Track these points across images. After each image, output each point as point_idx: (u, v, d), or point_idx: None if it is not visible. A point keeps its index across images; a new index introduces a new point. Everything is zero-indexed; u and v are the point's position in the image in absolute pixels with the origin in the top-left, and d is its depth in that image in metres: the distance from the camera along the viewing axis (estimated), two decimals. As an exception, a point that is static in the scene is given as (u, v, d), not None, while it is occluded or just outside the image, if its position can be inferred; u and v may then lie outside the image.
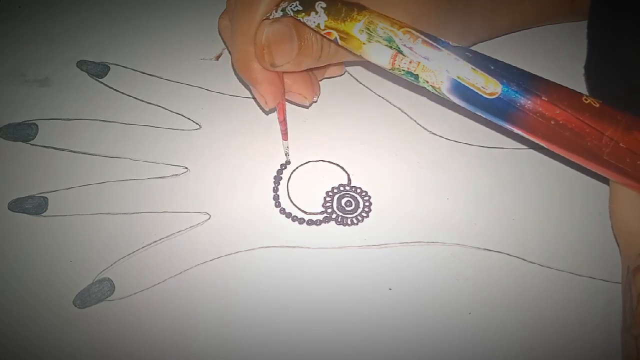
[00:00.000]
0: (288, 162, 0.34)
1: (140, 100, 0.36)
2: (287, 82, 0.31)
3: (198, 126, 0.35)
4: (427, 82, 0.26)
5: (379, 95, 0.36)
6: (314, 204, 0.32)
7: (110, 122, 0.35)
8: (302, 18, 0.27)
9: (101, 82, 0.37)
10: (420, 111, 0.36)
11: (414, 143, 0.35)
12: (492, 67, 0.25)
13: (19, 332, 0.28)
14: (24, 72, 0.37)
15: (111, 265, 0.30)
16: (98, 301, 0.29)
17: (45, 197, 0.32)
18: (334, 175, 0.33)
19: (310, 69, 0.32)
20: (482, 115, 0.26)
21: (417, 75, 0.26)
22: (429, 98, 0.36)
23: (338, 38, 0.27)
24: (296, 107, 0.35)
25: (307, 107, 0.35)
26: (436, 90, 0.26)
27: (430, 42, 0.25)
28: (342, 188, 0.33)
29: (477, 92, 0.25)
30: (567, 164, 0.33)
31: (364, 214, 0.32)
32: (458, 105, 0.26)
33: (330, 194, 0.33)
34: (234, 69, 0.31)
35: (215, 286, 0.29)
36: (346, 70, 0.37)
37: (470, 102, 0.26)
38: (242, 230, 0.31)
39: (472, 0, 0.32)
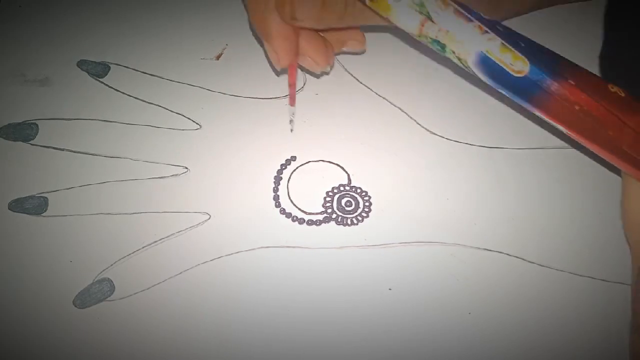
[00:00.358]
0: (291, 130, 0.33)
1: (141, 100, 0.36)
2: (302, 44, 0.30)
3: (198, 126, 0.35)
4: (454, 52, 0.25)
5: (379, 95, 0.36)
6: (314, 204, 0.32)
7: (110, 122, 0.35)
8: None
9: (101, 82, 0.37)
10: (420, 111, 0.36)
11: (414, 143, 0.35)
12: (522, 45, 0.24)
13: (19, 332, 0.28)
14: (24, 72, 0.37)
15: (111, 265, 0.30)
16: (98, 301, 0.29)
17: (45, 197, 0.32)
18: (334, 175, 0.33)
19: (329, 36, 0.31)
20: (504, 94, 0.25)
21: (445, 45, 0.25)
22: (428, 98, 0.36)
23: None
24: (296, 107, 0.35)
25: (317, 76, 0.34)
26: (462, 63, 0.25)
27: (462, 11, 0.24)
28: (342, 188, 0.33)
29: (503, 69, 0.24)
30: (567, 164, 0.33)
31: (364, 214, 0.32)
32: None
33: (330, 194, 0.33)
34: (250, 25, 0.30)
35: (215, 286, 0.29)
36: (343, 67, 0.37)
37: (495, 79, 0.25)
38: (242, 230, 0.31)
39: None
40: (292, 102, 0.32)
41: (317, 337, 0.28)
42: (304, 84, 0.37)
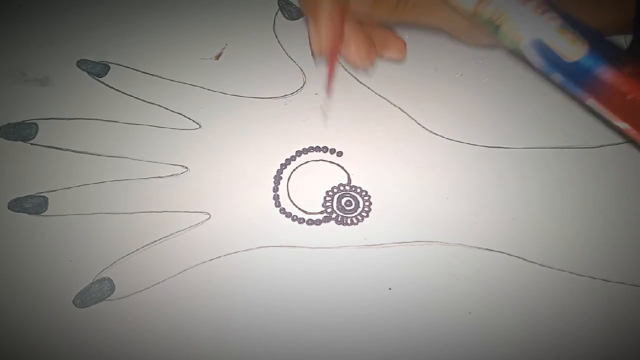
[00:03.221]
0: (325, 123, 0.33)
1: (141, 99, 0.36)
2: (347, 33, 0.30)
3: (198, 126, 0.35)
4: (508, 35, 0.25)
5: (379, 95, 0.36)
6: (314, 204, 0.32)
7: (110, 122, 0.35)
8: None
9: (101, 82, 0.37)
10: (420, 111, 0.36)
11: (414, 143, 0.35)
12: (579, 30, 0.24)
13: (19, 332, 0.28)
14: (24, 71, 0.37)
15: (111, 265, 0.30)
16: (98, 301, 0.29)
17: (45, 197, 0.32)
18: (334, 175, 0.33)
19: (374, 37, 0.31)
20: (557, 79, 0.25)
21: (499, 26, 0.25)
22: (429, 98, 0.36)
23: None
24: (296, 107, 0.35)
25: (358, 71, 0.34)
26: (516, 45, 0.25)
27: None
28: (342, 188, 0.33)
29: (557, 54, 0.24)
30: (567, 164, 0.33)
31: (364, 214, 0.32)
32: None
33: (330, 193, 0.33)
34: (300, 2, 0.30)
35: (215, 286, 0.29)
36: (343, 67, 0.37)
37: (549, 62, 0.25)
38: (242, 230, 0.31)
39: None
40: (329, 93, 0.31)
41: (317, 336, 0.28)
42: (304, 84, 0.37)
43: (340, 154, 0.34)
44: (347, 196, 0.33)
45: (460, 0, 0.25)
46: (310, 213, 0.32)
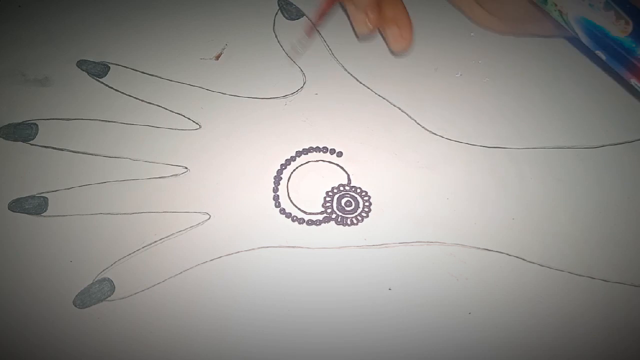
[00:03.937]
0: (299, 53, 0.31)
1: (140, 100, 0.36)
2: None
3: (198, 126, 0.35)
4: (556, 5, 0.25)
5: (379, 95, 0.36)
6: (314, 204, 0.32)
7: (110, 122, 0.35)
8: None
9: (101, 82, 0.37)
10: (420, 111, 0.36)
11: (414, 143, 0.35)
12: (628, 6, 0.24)
13: (19, 332, 0.28)
14: (24, 71, 0.37)
15: (111, 265, 0.30)
16: (98, 301, 0.29)
17: (45, 197, 0.32)
18: (334, 175, 0.33)
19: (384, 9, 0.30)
20: (601, 56, 0.25)
21: None
22: (429, 98, 0.36)
23: None
24: (296, 107, 0.35)
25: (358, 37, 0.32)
26: (562, 17, 0.25)
27: None
28: (342, 188, 0.33)
29: (601, 31, 0.24)
30: (567, 164, 0.33)
31: (363, 214, 0.32)
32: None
33: (330, 194, 0.33)
34: None
35: (215, 286, 0.30)
36: (343, 67, 0.37)
37: (593, 39, 0.25)
38: (242, 230, 0.31)
39: None
40: (310, 32, 0.30)
41: (316, 337, 0.28)
42: (304, 84, 0.37)
43: (340, 154, 0.34)
44: (347, 196, 0.33)
45: None
46: (310, 213, 0.32)
